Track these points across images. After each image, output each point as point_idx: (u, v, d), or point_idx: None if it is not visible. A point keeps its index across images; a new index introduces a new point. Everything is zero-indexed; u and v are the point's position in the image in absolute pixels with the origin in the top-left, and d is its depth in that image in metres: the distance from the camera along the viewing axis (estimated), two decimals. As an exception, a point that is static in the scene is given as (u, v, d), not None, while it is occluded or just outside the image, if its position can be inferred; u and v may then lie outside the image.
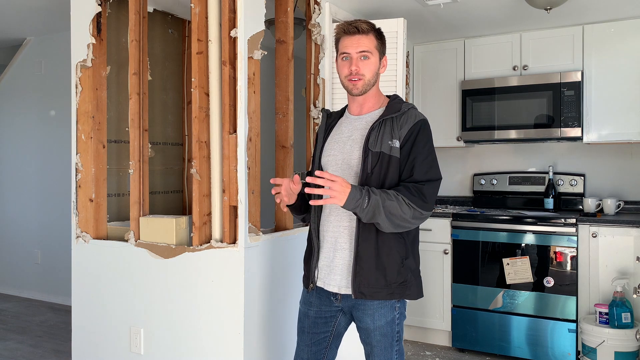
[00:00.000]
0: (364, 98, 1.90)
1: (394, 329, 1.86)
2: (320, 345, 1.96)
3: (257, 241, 2.36)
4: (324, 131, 1.98)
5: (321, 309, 1.93)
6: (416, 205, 1.72)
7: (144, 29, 2.66)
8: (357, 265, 1.79)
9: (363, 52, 1.83)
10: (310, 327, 1.96)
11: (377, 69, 1.87)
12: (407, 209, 1.71)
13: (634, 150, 3.73)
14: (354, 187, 1.68)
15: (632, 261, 3.20)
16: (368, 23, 1.86)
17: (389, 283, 1.79)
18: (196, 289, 2.40)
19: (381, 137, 1.80)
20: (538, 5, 3.03)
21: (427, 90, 4.14)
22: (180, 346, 2.45)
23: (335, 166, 1.89)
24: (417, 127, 1.82)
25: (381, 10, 3.37)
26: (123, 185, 2.98)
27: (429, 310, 3.76)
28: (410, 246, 1.84)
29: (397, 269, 1.80)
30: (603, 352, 3.12)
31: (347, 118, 1.95)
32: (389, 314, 1.84)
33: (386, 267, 1.79)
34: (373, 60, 1.85)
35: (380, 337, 1.84)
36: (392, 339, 1.86)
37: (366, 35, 1.83)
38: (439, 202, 4.37)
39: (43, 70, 4.89)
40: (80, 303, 2.79)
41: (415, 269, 1.87)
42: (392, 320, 1.86)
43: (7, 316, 4.38)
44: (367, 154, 1.80)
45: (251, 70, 2.35)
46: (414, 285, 1.85)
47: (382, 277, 1.78)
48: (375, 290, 1.79)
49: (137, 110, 2.62)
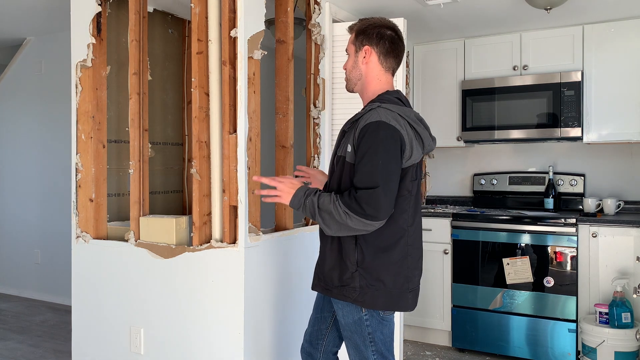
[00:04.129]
0: (361, 94, 1.95)
1: (363, 330, 1.84)
2: (323, 324, 2.06)
3: (257, 241, 2.36)
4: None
5: None
6: (352, 212, 1.68)
7: (144, 29, 2.66)
8: (319, 260, 1.93)
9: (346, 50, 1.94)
10: (318, 301, 2.08)
11: (353, 63, 1.90)
12: (344, 215, 1.70)
13: (634, 150, 3.73)
14: (300, 188, 1.83)
15: (632, 261, 3.20)
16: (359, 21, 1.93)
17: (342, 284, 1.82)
18: (196, 289, 2.40)
19: (345, 141, 1.84)
20: (538, 5, 3.04)
21: (427, 90, 4.14)
22: (180, 346, 2.45)
23: None
24: (364, 131, 1.73)
25: (381, 10, 3.37)
26: (123, 185, 2.98)
27: (429, 310, 3.76)
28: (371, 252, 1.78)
29: (350, 272, 1.80)
30: (603, 352, 3.12)
31: None
32: (354, 313, 1.84)
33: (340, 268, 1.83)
34: (350, 55, 1.92)
35: (349, 333, 1.88)
36: (363, 339, 1.84)
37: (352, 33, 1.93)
38: (439, 202, 4.37)
39: (43, 70, 4.89)
40: (80, 303, 2.79)
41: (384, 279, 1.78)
42: (360, 321, 1.83)
43: (7, 316, 4.38)
44: (334, 156, 1.90)
45: (251, 70, 2.35)
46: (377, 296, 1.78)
47: (336, 277, 1.84)
48: (327, 288, 1.88)
49: (137, 110, 2.62)
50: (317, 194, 1.79)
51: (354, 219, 1.69)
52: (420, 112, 4.14)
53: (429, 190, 4.43)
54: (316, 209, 1.76)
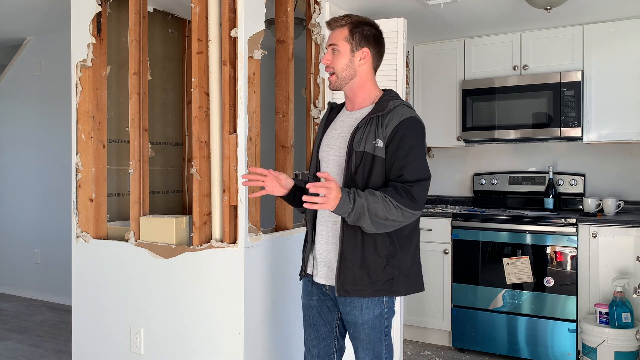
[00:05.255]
0: (352, 93, 1.88)
1: (382, 323, 1.85)
2: (329, 338, 1.96)
3: (257, 241, 2.36)
4: (323, 124, 1.98)
5: (321, 297, 1.94)
6: (405, 207, 1.70)
7: (144, 28, 2.66)
8: (341, 263, 1.79)
9: (331, 45, 1.85)
10: (315, 318, 1.96)
11: (348, 62, 1.83)
12: (395, 211, 1.69)
13: (634, 150, 3.73)
14: (344, 192, 1.66)
15: (632, 261, 3.20)
16: (347, 17, 1.85)
17: (374, 281, 1.78)
18: (196, 288, 2.40)
19: (366, 137, 1.77)
20: (538, 5, 3.03)
21: (427, 90, 4.14)
22: (180, 346, 2.45)
23: (327, 162, 1.90)
24: (403, 125, 1.75)
25: (381, 10, 3.37)
26: (123, 185, 2.98)
27: (429, 310, 3.76)
28: (399, 244, 1.80)
29: (382, 267, 1.78)
30: (603, 352, 3.12)
31: (343, 113, 1.96)
32: (377, 307, 1.83)
33: (370, 265, 1.77)
34: (342, 52, 1.83)
35: (369, 330, 1.84)
36: (380, 333, 1.85)
37: (340, 28, 1.84)
38: (439, 202, 4.37)
39: (43, 70, 4.89)
40: (81, 303, 2.79)
41: (409, 266, 1.82)
42: (381, 314, 1.84)
43: (7, 316, 4.38)
44: (350, 153, 1.79)
45: (251, 70, 2.35)
46: (403, 283, 1.81)
47: (365, 275, 1.77)
48: (359, 288, 1.78)
49: (137, 110, 2.62)
50: (359, 195, 1.68)
51: (406, 212, 1.70)
52: (421, 112, 4.14)
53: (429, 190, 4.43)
54: (366, 211, 1.66)
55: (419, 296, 3.76)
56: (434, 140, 4.10)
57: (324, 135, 1.95)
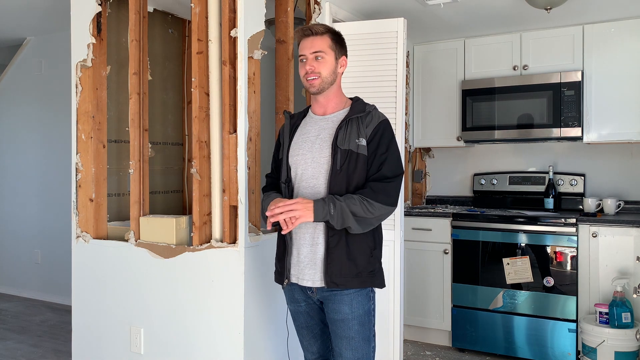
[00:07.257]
0: (326, 98, 1.96)
1: (371, 321, 1.93)
2: (324, 334, 2.05)
3: (257, 241, 2.36)
4: (289, 132, 2.03)
5: (308, 302, 2.00)
6: (381, 203, 1.82)
7: (144, 28, 2.66)
8: (328, 257, 1.87)
9: (316, 52, 1.91)
10: (307, 321, 2.04)
11: (333, 68, 1.93)
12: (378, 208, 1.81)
13: (634, 150, 3.73)
14: (316, 201, 1.79)
15: (632, 261, 3.20)
16: (323, 26, 1.96)
17: (360, 271, 1.87)
18: (196, 288, 2.40)
19: (348, 136, 1.88)
20: (538, 5, 3.04)
21: (427, 90, 4.14)
22: (180, 346, 2.45)
23: (305, 165, 1.94)
24: (381, 126, 1.90)
25: (381, 10, 3.37)
26: (123, 185, 2.98)
27: (429, 310, 3.76)
28: (377, 238, 1.94)
29: (367, 258, 1.89)
30: (603, 352, 3.12)
31: (311, 118, 2.01)
32: (365, 303, 1.91)
33: (356, 256, 1.87)
34: (328, 59, 1.92)
35: (358, 327, 1.88)
36: (369, 332, 1.92)
37: (320, 36, 1.92)
38: (439, 202, 4.37)
39: (43, 70, 4.89)
40: (80, 303, 2.79)
41: (380, 259, 1.96)
42: (369, 311, 1.93)
43: (7, 316, 4.38)
44: (336, 151, 1.88)
45: (251, 70, 2.35)
46: (379, 275, 1.94)
47: (353, 266, 1.87)
48: (347, 280, 1.86)
49: (137, 110, 2.62)
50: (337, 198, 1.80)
51: (386, 209, 1.83)
52: (420, 112, 4.15)
53: (429, 190, 4.43)
54: (349, 214, 1.79)
55: (419, 296, 3.77)
56: (434, 140, 4.10)
57: (292, 141, 2.00)
